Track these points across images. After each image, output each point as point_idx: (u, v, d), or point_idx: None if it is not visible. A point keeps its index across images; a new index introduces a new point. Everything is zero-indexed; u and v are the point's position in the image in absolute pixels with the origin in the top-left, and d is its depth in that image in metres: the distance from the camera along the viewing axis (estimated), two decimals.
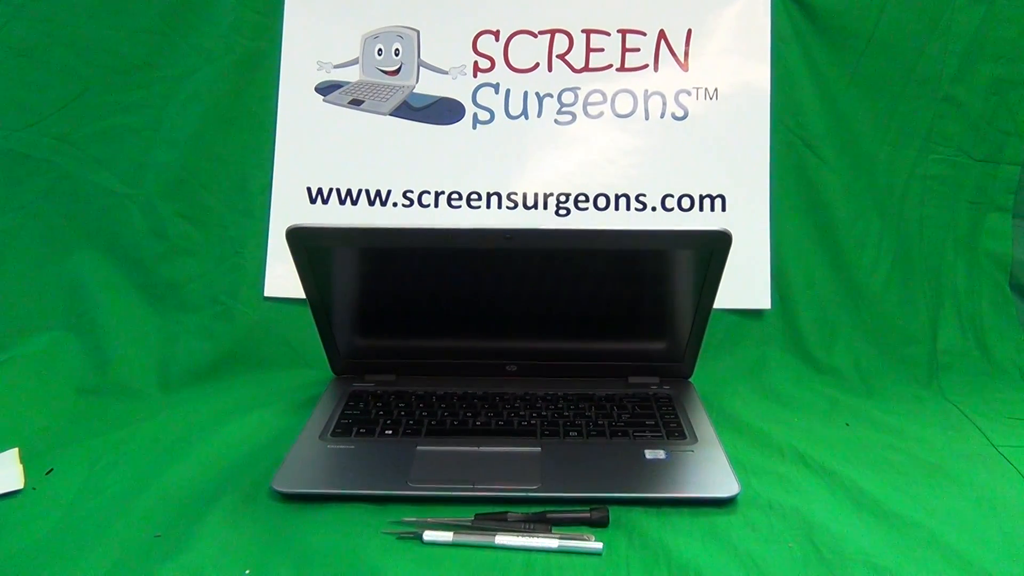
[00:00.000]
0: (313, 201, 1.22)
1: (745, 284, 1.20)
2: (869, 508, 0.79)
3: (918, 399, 1.11)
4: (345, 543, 0.73)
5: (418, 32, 1.24)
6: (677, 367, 1.05)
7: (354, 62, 1.24)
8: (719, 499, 0.80)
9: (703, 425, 0.93)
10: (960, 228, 1.22)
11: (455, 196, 1.22)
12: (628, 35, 1.23)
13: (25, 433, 0.95)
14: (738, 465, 0.86)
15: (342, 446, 0.89)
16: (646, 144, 1.22)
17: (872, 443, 0.95)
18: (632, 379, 1.05)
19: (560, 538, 0.73)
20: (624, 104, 1.23)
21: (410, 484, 0.81)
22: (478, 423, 0.93)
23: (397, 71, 1.24)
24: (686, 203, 1.21)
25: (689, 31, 1.22)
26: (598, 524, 0.76)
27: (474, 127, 1.23)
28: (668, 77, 1.23)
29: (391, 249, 0.93)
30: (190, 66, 1.21)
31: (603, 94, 1.23)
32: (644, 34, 1.23)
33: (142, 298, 1.20)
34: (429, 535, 0.73)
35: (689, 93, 1.22)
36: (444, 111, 1.23)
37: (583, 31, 1.23)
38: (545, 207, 1.22)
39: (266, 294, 1.21)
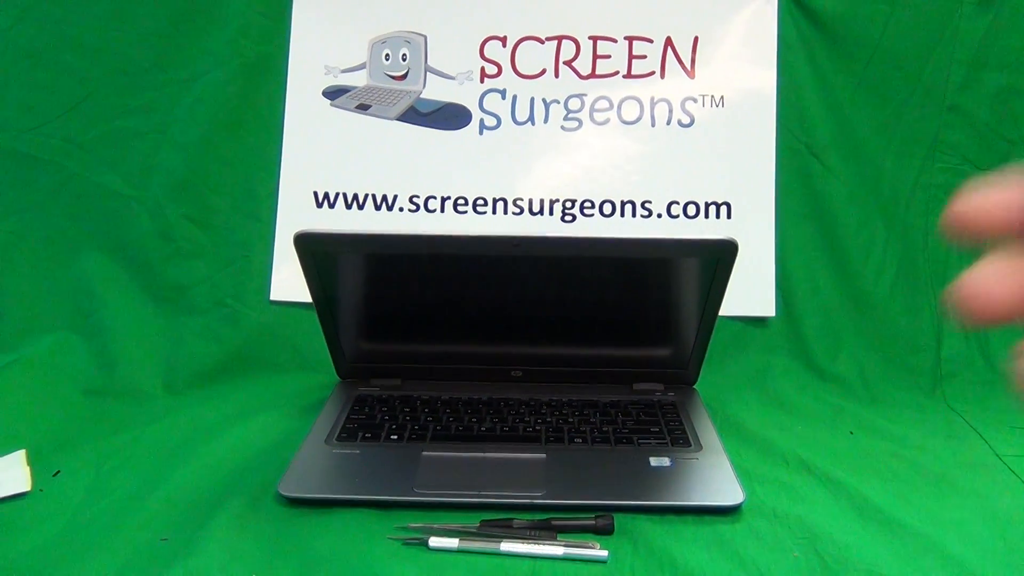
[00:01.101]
0: (320, 205, 1.23)
1: (750, 291, 1.20)
2: (873, 517, 0.79)
3: (922, 408, 1.11)
4: (351, 548, 0.73)
5: (425, 37, 1.24)
6: (682, 374, 1.05)
7: (361, 67, 1.25)
8: (724, 507, 0.80)
9: (708, 432, 0.94)
10: None
11: (461, 202, 1.22)
12: (635, 42, 1.23)
13: (32, 435, 0.95)
14: (743, 473, 0.86)
15: (347, 451, 0.89)
16: (652, 151, 1.22)
17: (876, 451, 0.95)
18: (637, 386, 1.05)
19: (565, 545, 0.73)
20: (630, 111, 1.23)
21: (415, 490, 0.81)
22: (483, 429, 0.94)
23: (404, 76, 1.24)
24: (691, 210, 1.21)
25: (696, 39, 1.22)
26: (603, 531, 0.76)
27: (480, 133, 1.23)
28: (675, 84, 1.23)
29: (397, 255, 0.94)
30: (198, 69, 1.22)
31: (609, 101, 1.23)
32: (651, 41, 1.23)
33: (148, 300, 1.20)
34: (435, 541, 0.73)
35: (695, 100, 1.23)
36: (451, 116, 1.24)
37: (590, 38, 1.23)
38: (551, 213, 1.22)
39: (272, 297, 1.21)
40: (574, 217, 1.22)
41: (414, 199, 1.22)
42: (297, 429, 0.96)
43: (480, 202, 1.22)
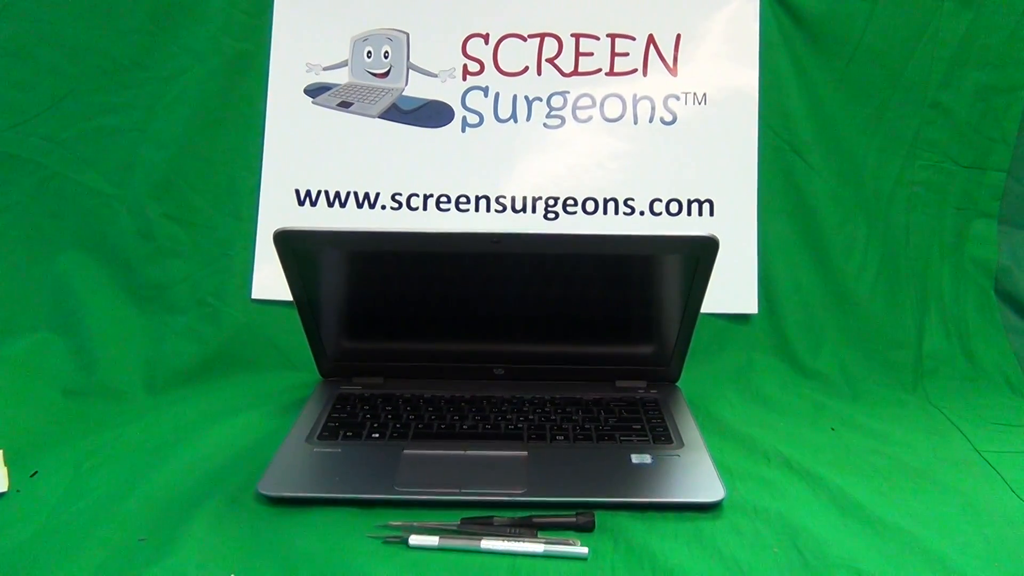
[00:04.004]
0: (301, 203, 1.22)
1: (732, 288, 1.20)
2: (853, 513, 0.80)
3: (903, 404, 1.12)
4: (331, 547, 0.73)
5: (407, 35, 1.24)
6: (664, 371, 1.05)
7: (343, 64, 1.24)
8: (704, 504, 0.80)
9: (689, 429, 0.94)
10: (946, 234, 1.23)
11: (444, 199, 1.22)
12: (617, 39, 1.23)
13: (9, 435, 0.94)
14: (724, 469, 0.86)
15: (329, 449, 0.88)
16: (634, 148, 1.22)
17: (857, 448, 0.96)
18: (619, 383, 1.05)
19: (546, 543, 0.73)
20: (613, 108, 1.23)
21: (396, 488, 0.81)
22: (465, 427, 0.93)
23: (386, 74, 1.24)
24: (674, 207, 1.21)
25: (678, 36, 1.22)
26: (584, 529, 0.76)
27: (463, 130, 1.23)
28: (657, 82, 1.23)
29: (379, 252, 0.93)
30: (178, 67, 1.21)
31: (592, 98, 1.23)
32: (633, 39, 1.23)
33: (128, 299, 1.20)
34: (415, 539, 0.73)
35: (678, 98, 1.23)
36: (433, 114, 1.23)
37: (572, 35, 1.23)
38: (534, 211, 1.22)
39: (253, 296, 1.21)
40: (557, 215, 1.22)
41: (396, 197, 1.22)
42: (278, 428, 0.96)
43: (463, 200, 1.22)
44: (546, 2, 1.23)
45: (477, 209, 1.22)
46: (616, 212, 1.22)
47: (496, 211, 1.22)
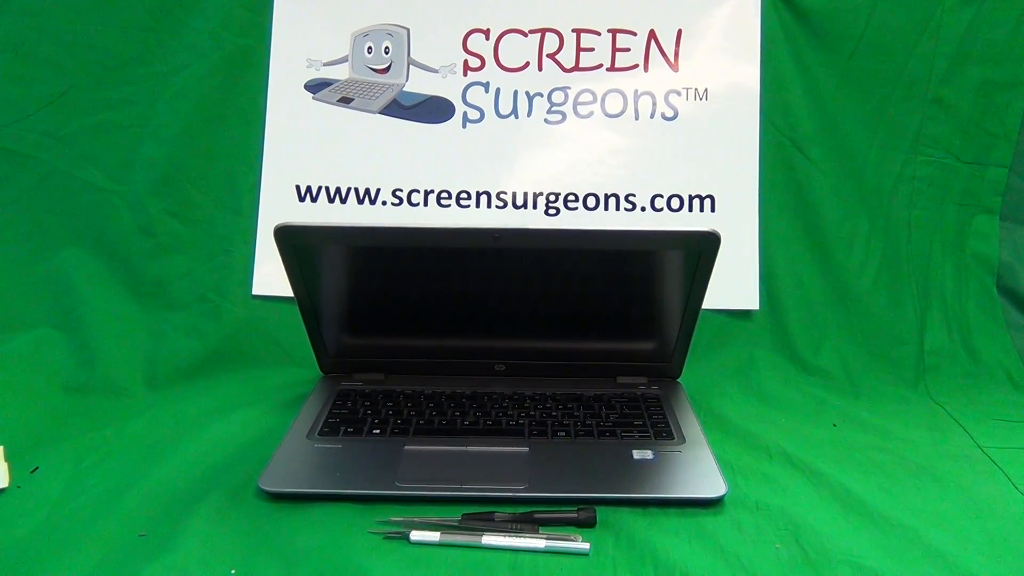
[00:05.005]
0: (302, 199, 1.22)
1: (734, 284, 1.20)
2: (855, 509, 0.80)
3: (905, 400, 1.11)
4: (332, 543, 0.73)
5: (408, 30, 1.23)
6: (665, 367, 1.05)
7: (344, 60, 1.24)
8: (706, 499, 0.80)
9: (691, 425, 0.94)
10: (948, 230, 1.23)
11: (445, 195, 1.22)
12: (618, 35, 1.23)
13: (10, 431, 0.94)
14: (725, 465, 0.86)
15: (329, 445, 0.88)
16: (636, 144, 1.22)
17: (859, 444, 0.96)
18: (620, 379, 1.05)
19: (547, 538, 0.73)
20: (614, 104, 1.23)
21: (397, 484, 0.81)
22: (466, 423, 0.93)
23: (387, 69, 1.24)
24: (675, 203, 1.21)
25: (679, 31, 1.22)
26: (585, 524, 0.76)
27: (464, 126, 1.23)
28: (658, 77, 1.23)
29: (379, 248, 0.93)
30: (179, 63, 1.21)
31: (593, 94, 1.23)
32: (634, 34, 1.23)
33: (129, 295, 1.19)
34: (416, 535, 0.73)
35: (679, 93, 1.22)
36: (434, 110, 1.23)
37: (573, 30, 1.23)
38: (535, 207, 1.22)
39: (254, 292, 1.21)
40: (558, 210, 1.22)
41: (397, 193, 1.22)
42: (279, 424, 0.96)
43: (464, 195, 1.22)
44: None
45: (478, 205, 1.22)
46: (617, 208, 1.21)
47: (497, 207, 1.22)
